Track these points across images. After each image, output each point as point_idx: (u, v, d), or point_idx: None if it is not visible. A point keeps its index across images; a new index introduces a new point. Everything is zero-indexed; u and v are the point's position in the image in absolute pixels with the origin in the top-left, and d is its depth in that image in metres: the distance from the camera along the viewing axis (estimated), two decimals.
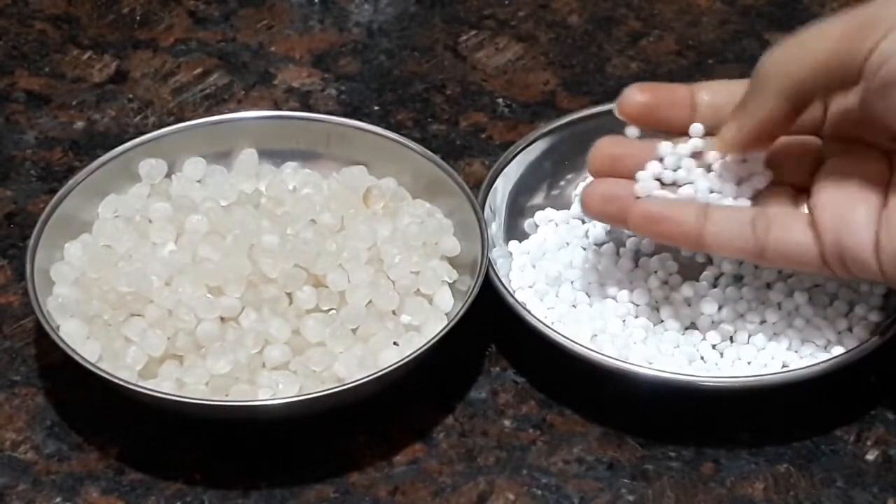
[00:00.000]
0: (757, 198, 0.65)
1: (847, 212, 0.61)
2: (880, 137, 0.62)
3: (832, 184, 0.63)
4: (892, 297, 0.68)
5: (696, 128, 0.65)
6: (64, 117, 0.81)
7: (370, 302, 0.66)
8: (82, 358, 0.63)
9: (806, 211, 0.64)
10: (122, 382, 0.62)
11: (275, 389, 0.63)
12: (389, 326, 0.65)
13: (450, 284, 0.68)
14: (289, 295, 0.66)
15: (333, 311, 0.66)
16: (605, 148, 0.66)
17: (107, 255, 0.67)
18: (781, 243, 0.63)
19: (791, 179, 0.65)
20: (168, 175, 0.72)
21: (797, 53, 0.60)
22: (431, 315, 0.66)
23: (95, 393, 0.65)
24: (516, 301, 0.66)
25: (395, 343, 0.65)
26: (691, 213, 0.64)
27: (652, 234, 0.65)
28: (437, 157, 0.72)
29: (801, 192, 0.65)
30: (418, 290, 0.67)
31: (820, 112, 0.65)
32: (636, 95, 0.66)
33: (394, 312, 0.66)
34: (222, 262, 0.66)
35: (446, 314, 0.66)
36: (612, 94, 0.68)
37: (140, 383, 0.63)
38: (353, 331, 0.65)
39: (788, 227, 0.63)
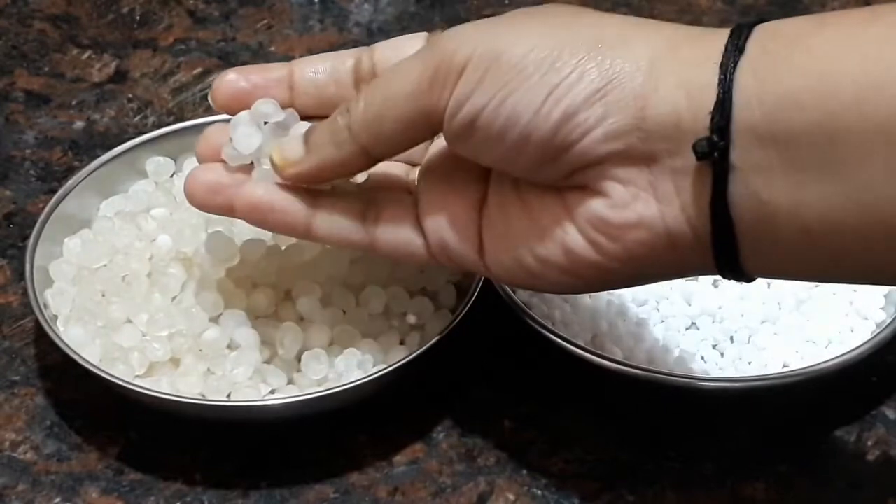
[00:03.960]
0: (372, 176, 0.62)
1: (448, 212, 0.59)
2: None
3: (435, 178, 0.60)
4: (892, 296, 0.68)
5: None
6: (63, 117, 0.81)
7: (373, 302, 0.66)
8: (82, 358, 0.63)
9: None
10: (122, 383, 0.62)
11: (275, 389, 0.63)
12: (393, 326, 0.65)
13: (451, 284, 0.67)
14: (290, 296, 0.65)
15: (336, 312, 0.66)
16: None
17: (105, 252, 0.67)
18: (390, 239, 0.60)
19: (409, 155, 0.62)
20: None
21: (385, 109, 0.57)
22: (433, 314, 0.66)
23: (95, 393, 0.65)
24: (516, 301, 0.66)
25: (399, 342, 0.65)
26: (300, 203, 0.60)
27: (259, 225, 0.61)
28: None
29: (416, 167, 0.62)
30: (420, 288, 0.67)
31: None
32: (227, 82, 0.62)
33: (397, 311, 0.66)
34: (224, 263, 0.66)
35: (447, 314, 0.66)
36: None
37: (140, 383, 0.63)
38: (354, 331, 0.65)
39: (397, 222, 0.60)
